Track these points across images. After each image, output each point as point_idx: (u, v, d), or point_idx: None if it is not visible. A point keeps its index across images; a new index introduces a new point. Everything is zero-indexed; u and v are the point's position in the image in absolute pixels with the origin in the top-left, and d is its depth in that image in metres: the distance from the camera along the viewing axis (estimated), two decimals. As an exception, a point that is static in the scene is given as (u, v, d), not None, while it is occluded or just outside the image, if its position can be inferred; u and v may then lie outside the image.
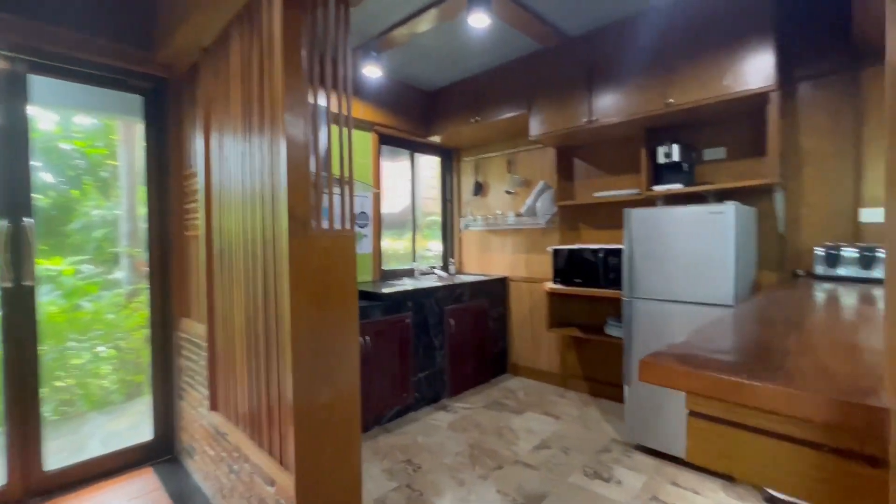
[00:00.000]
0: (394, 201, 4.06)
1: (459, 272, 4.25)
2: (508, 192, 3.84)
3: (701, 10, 2.37)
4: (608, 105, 2.75)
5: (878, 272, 1.95)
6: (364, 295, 2.96)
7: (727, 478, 2.15)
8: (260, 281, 1.61)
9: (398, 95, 3.67)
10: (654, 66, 2.53)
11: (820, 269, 2.12)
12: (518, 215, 3.69)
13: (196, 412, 2.22)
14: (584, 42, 2.86)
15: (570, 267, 3.11)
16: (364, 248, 3.45)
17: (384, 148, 3.75)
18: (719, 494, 2.04)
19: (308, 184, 1.48)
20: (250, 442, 1.71)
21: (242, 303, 1.75)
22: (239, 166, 1.75)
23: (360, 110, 3.31)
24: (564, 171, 3.41)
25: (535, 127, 3.14)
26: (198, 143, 2.11)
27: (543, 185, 3.50)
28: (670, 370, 0.71)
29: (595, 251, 2.97)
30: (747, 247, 2.31)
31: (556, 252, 3.19)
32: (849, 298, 1.56)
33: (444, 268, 4.20)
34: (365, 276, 3.49)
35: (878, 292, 1.70)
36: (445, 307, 3.31)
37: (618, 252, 2.82)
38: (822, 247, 2.14)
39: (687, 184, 2.61)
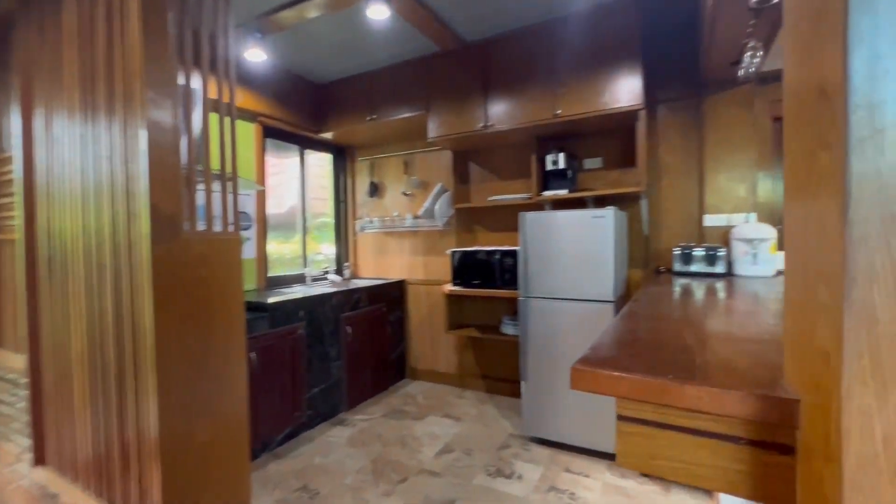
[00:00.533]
0: (280, 200, 3.71)
1: (355, 276, 4.06)
2: (405, 194, 3.78)
3: (586, 33, 2.58)
4: (502, 112, 2.86)
5: (719, 268, 2.34)
6: (249, 306, 2.61)
7: (611, 458, 2.37)
8: (110, 295, 1.29)
9: (286, 85, 3.35)
10: (546, 79, 2.70)
11: (678, 266, 2.46)
12: (416, 217, 3.65)
13: (10, 471, 1.70)
14: (482, 48, 2.93)
15: (468, 268, 3.16)
16: (247, 252, 3.07)
17: (269, 142, 3.40)
18: (605, 475, 2.24)
19: (178, 178, 1.22)
20: (95, 500, 1.36)
21: (83, 324, 1.39)
22: (77, 152, 1.38)
23: (242, 97, 2.93)
24: (461, 174, 3.47)
25: (433, 129, 3.13)
26: (13, 121, 1.63)
27: (441, 188, 3.51)
28: (600, 376, 0.70)
29: (491, 253, 3.06)
30: (622, 247, 2.58)
31: (454, 254, 3.21)
32: (707, 292, 1.82)
33: (339, 272, 3.97)
34: (249, 283, 3.11)
35: (719, 284, 2.03)
36: (341, 314, 3.11)
37: (513, 253, 2.94)
38: (679, 247, 2.49)
39: (571, 190, 2.84)
